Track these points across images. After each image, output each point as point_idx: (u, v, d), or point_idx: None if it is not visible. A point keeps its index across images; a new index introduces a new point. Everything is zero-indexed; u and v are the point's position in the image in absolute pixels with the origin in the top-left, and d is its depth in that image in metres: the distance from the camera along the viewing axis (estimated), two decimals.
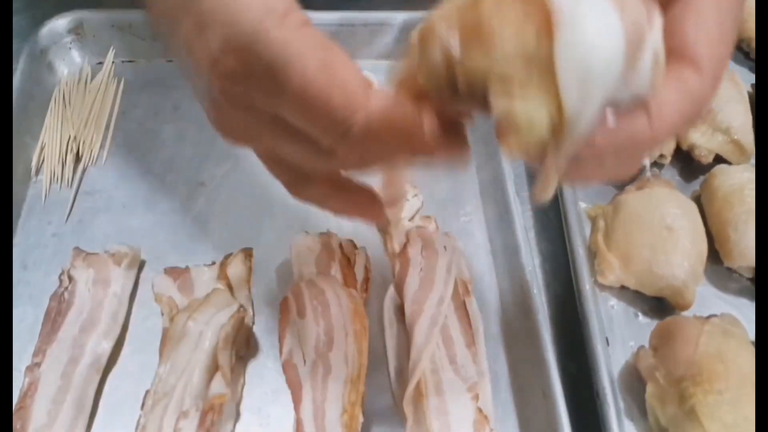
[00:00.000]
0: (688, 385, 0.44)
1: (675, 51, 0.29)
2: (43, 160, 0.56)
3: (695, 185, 0.60)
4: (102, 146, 0.57)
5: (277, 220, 0.54)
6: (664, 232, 0.52)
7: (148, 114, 0.60)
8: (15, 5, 0.68)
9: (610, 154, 0.29)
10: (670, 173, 0.62)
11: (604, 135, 0.28)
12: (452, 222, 0.56)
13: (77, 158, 0.56)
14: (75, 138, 0.56)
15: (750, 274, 0.54)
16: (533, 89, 0.25)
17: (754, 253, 0.52)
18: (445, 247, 0.52)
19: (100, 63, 0.61)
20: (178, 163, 0.57)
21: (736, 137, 0.59)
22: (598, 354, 0.47)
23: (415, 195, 0.57)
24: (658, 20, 0.27)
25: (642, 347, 0.48)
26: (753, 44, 0.70)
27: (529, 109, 0.25)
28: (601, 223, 0.56)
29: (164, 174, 0.56)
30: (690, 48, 0.30)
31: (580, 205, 0.58)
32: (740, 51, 0.72)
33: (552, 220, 0.57)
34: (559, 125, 0.25)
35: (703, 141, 0.60)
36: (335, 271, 0.50)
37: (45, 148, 0.56)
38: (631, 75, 0.26)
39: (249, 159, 0.56)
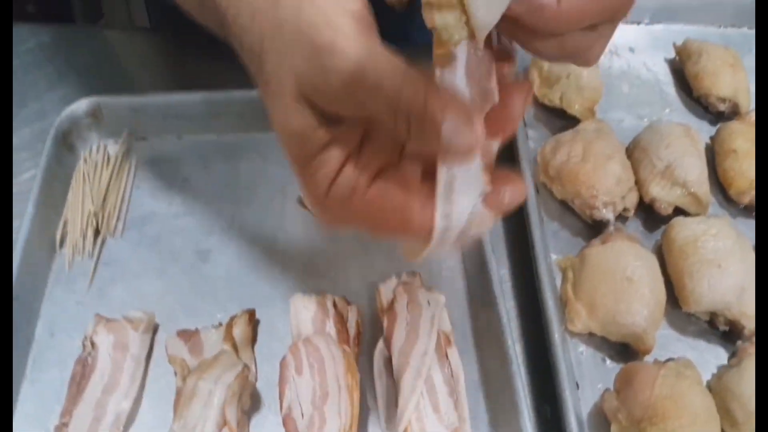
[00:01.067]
0: (646, 426, 0.50)
1: None
2: (66, 234, 0.62)
3: (657, 235, 0.66)
4: (118, 219, 0.63)
5: (277, 282, 0.60)
6: (625, 283, 0.58)
7: (159, 187, 0.66)
8: (38, 87, 0.75)
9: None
10: (635, 224, 0.67)
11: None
12: (436, 276, 0.62)
13: (96, 231, 0.62)
14: (94, 212, 0.62)
15: (706, 318, 0.59)
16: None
17: (707, 299, 0.58)
18: (428, 301, 0.58)
19: (116, 141, 0.68)
20: (187, 232, 0.63)
21: (692, 190, 0.65)
22: (567, 397, 0.52)
23: None
24: None
25: (607, 390, 0.54)
26: (711, 99, 0.77)
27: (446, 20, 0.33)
28: (570, 275, 0.61)
29: (174, 243, 0.62)
30: None
31: (551, 257, 0.64)
32: (699, 105, 0.79)
33: (526, 273, 0.63)
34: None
35: (663, 194, 0.66)
36: (330, 328, 0.55)
37: (68, 223, 0.62)
38: None
39: (250, 228, 0.63)
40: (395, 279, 0.60)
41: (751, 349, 0.55)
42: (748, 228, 0.68)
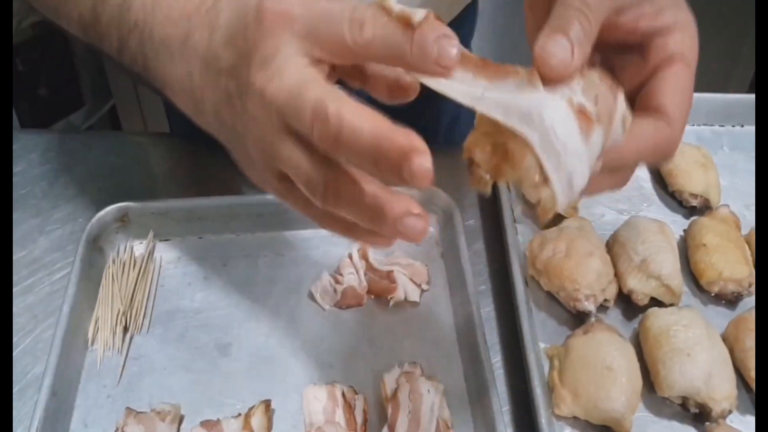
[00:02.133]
0: None
1: (653, 107, 0.44)
2: (97, 331, 0.68)
3: (635, 323, 0.73)
4: (145, 316, 0.70)
5: (291, 373, 0.66)
6: (605, 372, 0.64)
7: (182, 285, 0.73)
8: (69, 190, 0.82)
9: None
10: (615, 313, 0.74)
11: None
12: (436, 365, 0.68)
13: (125, 329, 0.68)
14: (123, 311, 0.68)
15: (679, 401, 0.65)
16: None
17: (678, 385, 0.64)
18: (429, 390, 0.64)
19: (141, 242, 0.75)
20: (209, 326, 0.69)
21: (666, 282, 0.72)
22: None
23: None
24: (621, 96, 0.42)
25: None
26: (684, 195, 0.84)
27: (542, 195, 0.39)
28: (556, 362, 0.68)
29: (197, 338, 0.68)
30: (665, 107, 0.44)
31: (539, 345, 0.70)
32: (674, 199, 0.86)
33: (517, 359, 0.69)
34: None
35: (639, 286, 0.73)
36: (339, 417, 0.61)
37: (98, 321, 0.68)
38: (610, 134, 0.41)
39: (266, 323, 0.70)
40: (398, 369, 0.66)
41: (718, 430, 0.60)
42: (717, 314, 0.75)
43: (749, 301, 0.75)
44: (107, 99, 1.98)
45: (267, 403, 0.62)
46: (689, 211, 0.85)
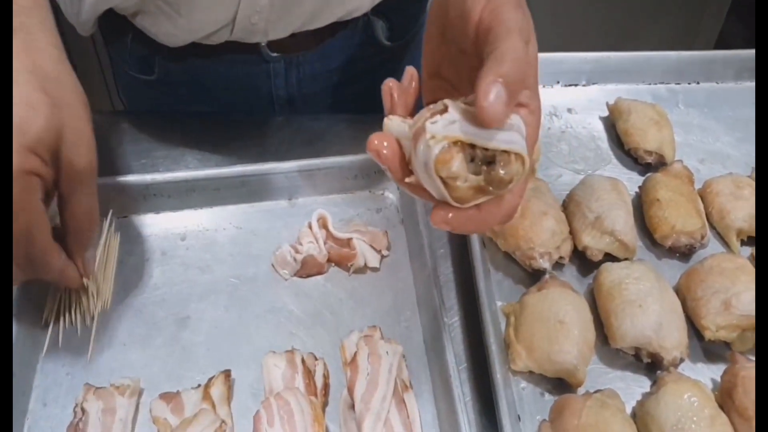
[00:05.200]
0: None
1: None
2: (60, 308, 0.68)
3: (590, 279, 0.74)
4: (105, 293, 0.70)
5: (251, 342, 0.67)
6: (558, 326, 0.65)
7: (140, 261, 0.73)
8: None
9: None
10: (570, 270, 0.75)
11: None
12: (395, 328, 0.69)
13: (89, 306, 0.68)
14: (87, 287, 0.69)
15: (632, 352, 0.67)
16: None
17: (630, 335, 0.65)
18: (387, 352, 0.65)
19: (101, 221, 0.75)
20: (167, 301, 0.70)
21: (620, 237, 0.73)
22: (508, 428, 0.59)
23: None
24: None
25: (544, 420, 0.61)
26: (639, 152, 0.85)
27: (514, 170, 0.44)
28: (512, 319, 0.69)
29: (156, 312, 0.69)
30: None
31: (496, 304, 0.71)
32: (630, 157, 0.88)
33: (475, 318, 0.70)
34: None
35: (593, 243, 0.74)
36: (299, 382, 0.62)
37: (62, 298, 0.68)
38: None
39: (224, 295, 0.70)
40: (358, 333, 0.67)
41: (668, 377, 0.62)
42: (671, 267, 0.76)
43: (702, 254, 0.76)
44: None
45: (226, 373, 0.63)
46: (645, 168, 0.86)
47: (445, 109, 0.44)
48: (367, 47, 0.90)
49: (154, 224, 0.76)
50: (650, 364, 0.66)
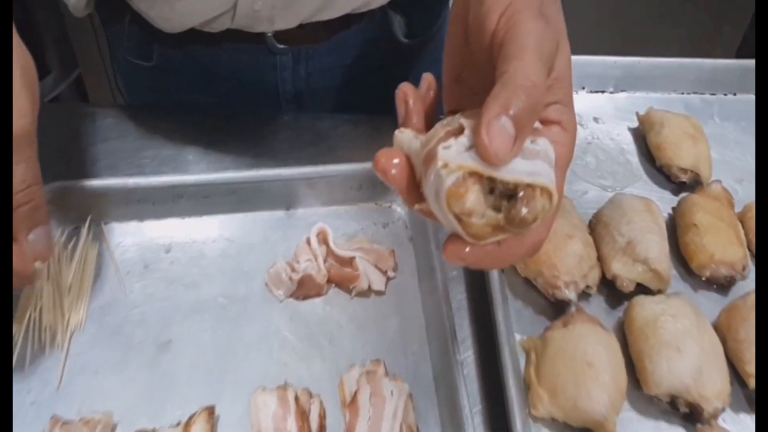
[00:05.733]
0: None
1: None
2: (28, 326, 0.61)
3: (620, 311, 0.67)
4: (79, 310, 0.62)
5: (239, 373, 0.59)
6: (586, 368, 0.58)
7: (120, 274, 0.65)
8: None
9: None
10: (598, 300, 0.68)
11: None
12: (401, 362, 0.62)
13: (61, 325, 0.61)
14: (60, 305, 0.61)
15: (667, 399, 0.59)
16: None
17: (666, 382, 0.58)
18: (392, 392, 0.57)
19: (77, 228, 0.67)
20: (147, 322, 0.62)
21: (653, 267, 0.66)
22: None
23: None
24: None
25: None
26: (673, 170, 0.78)
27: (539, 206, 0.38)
28: (533, 357, 0.61)
29: (134, 334, 0.61)
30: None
31: (515, 337, 0.64)
32: (662, 174, 0.80)
33: (490, 352, 0.62)
34: None
35: (624, 271, 0.66)
36: (291, 425, 0.55)
37: (30, 315, 0.61)
38: None
39: (212, 316, 0.63)
40: (359, 368, 0.59)
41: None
42: (708, 301, 0.69)
43: (743, 286, 0.69)
44: (75, 66, 1.88)
45: (210, 410, 0.56)
46: (678, 187, 0.79)
47: (460, 130, 0.38)
48: (382, 44, 0.83)
49: (137, 233, 0.68)
50: (688, 414, 0.59)
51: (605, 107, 0.88)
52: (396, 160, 0.41)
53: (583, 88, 0.89)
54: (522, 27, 0.39)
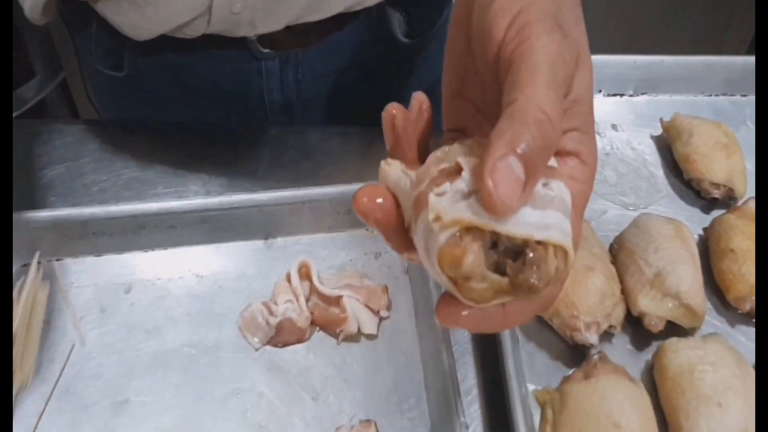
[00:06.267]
0: None
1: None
2: None
3: (648, 353, 0.58)
4: (24, 364, 0.54)
5: None
6: (612, 430, 0.49)
7: (73, 320, 0.57)
8: None
9: None
10: (621, 342, 0.59)
11: None
12: (395, 419, 0.54)
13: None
14: None
15: None
16: None
17: None
18: None
19: (25, 266, 0.59)
20: (103, 377, 0.54)
21: (686, 302, 0.57)
22: None
23: None
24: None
25: None
26: (704, 185, 0.69)
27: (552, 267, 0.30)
28: (549, 413, 0.53)
29: (88, 392, 0.53)
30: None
31: (527, 387, 0.55)
32: (690, 189, 0.71)
33: (499, 405, 0.54)
34: None
35: (653, 308, 0.57)
36: None
37: None
38: None
39: (176, 369, 0.55)
40: (346, 430, 0.51)
41: None
42: (748, 338, 0.60)
43: None
44: (60, 70, 1.80)
45: None
46: (709, 203, 0.70)
47: (457, 171, 0.30)
48: (380, 44, 0.74)
49: (93, 271, 0.60)
50: None
51: (624, 113, 0.79)
52: (380, 200, 0.33)
53: (600, 91, 0.80)
54: (535, 43, 0.30)
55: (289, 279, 0.59)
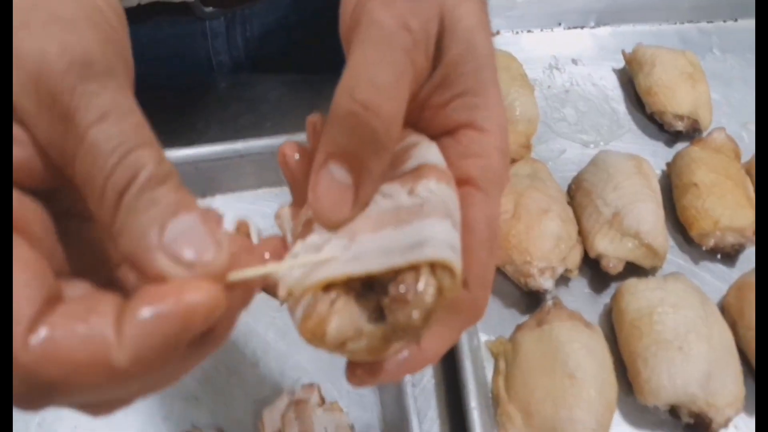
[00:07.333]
0: None
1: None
2: None
3: (607, 296, 0.55)
4: None
5: (136, 411, 0.48)
6: (566, 381, 0.46)
7: None
8: None
9: None
10: (579, 286, 0.56)
11: None
12: (341, 382, 0.51)
13: None
14: None
15: (666, 408, 0.48)
16: None
17: (667, 390, 0.47)
18: (326, 428, 0.46)
19: None
20: None
21: (646, 241, 0.54)
22: None
23: None
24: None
25: None
26: (666, 117, 0.65)
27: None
28: (502, 364, 0.50)
29: None
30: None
31: (480, 339, 0.53)
32: (653, 123, 0.67)
33: (450, 363, 0.51)
34: None
35: (611, 249, 0.55)
36: None
37: None
38: None
39: None
40: (286, 398, 0.48)
41: None
42: (713, 275, 0.58)
43: (753, 255, 0.57)
44: None
45: None
46: (673, 137, 0.66)
47: (308, 227, 0.26)
48: None
49: None
50: (692, 425, 0.48)
51: (585, 46, 0.75)
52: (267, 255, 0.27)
53: (559, 24, 0.76)
54: (363, 21, 0.25)
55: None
